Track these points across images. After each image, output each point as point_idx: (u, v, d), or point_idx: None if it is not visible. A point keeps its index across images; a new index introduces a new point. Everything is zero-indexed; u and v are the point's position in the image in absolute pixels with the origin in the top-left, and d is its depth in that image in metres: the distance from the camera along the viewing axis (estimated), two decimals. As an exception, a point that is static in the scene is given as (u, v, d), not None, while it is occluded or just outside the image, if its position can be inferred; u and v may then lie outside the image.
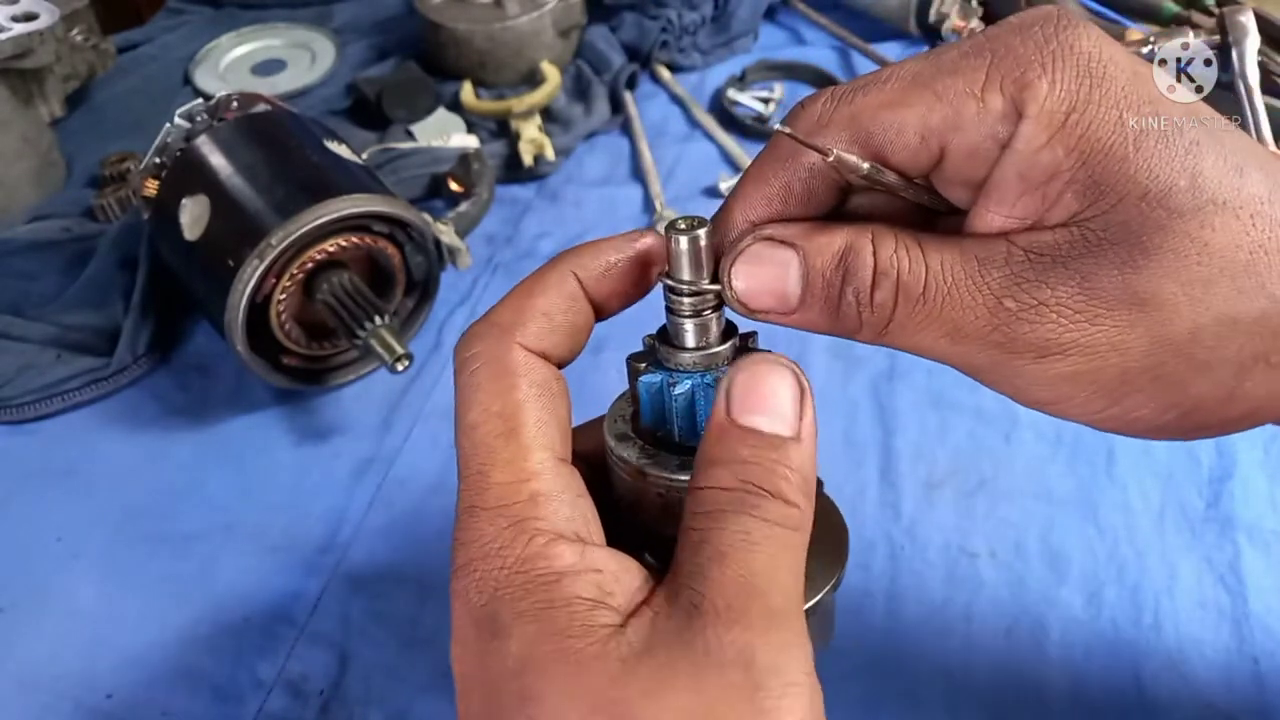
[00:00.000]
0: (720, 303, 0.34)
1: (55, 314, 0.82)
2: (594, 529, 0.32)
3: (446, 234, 0.81)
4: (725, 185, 0.96)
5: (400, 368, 0.70)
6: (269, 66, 1.16)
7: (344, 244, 0.72)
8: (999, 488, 0.70)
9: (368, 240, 0.73)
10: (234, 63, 1.17)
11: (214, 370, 0.81)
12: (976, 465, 0.72)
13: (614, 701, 0.26)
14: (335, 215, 0.69)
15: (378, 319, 0.72)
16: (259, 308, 0.70)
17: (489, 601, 0.29)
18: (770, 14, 1.21)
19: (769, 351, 0.33)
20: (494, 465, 0.31)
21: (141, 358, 0.80)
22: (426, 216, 0.78)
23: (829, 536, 0.37)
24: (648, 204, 0.95)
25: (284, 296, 0.71)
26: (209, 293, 0.71)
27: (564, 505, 0.31)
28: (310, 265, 0.71)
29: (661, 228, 0.34)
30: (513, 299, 0.34)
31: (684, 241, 0.32)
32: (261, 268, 0.68)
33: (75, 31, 1.04)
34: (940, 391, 0.77)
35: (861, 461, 0.72)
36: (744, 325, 0.37)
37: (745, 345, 0.36)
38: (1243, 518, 0.68)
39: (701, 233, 0.32)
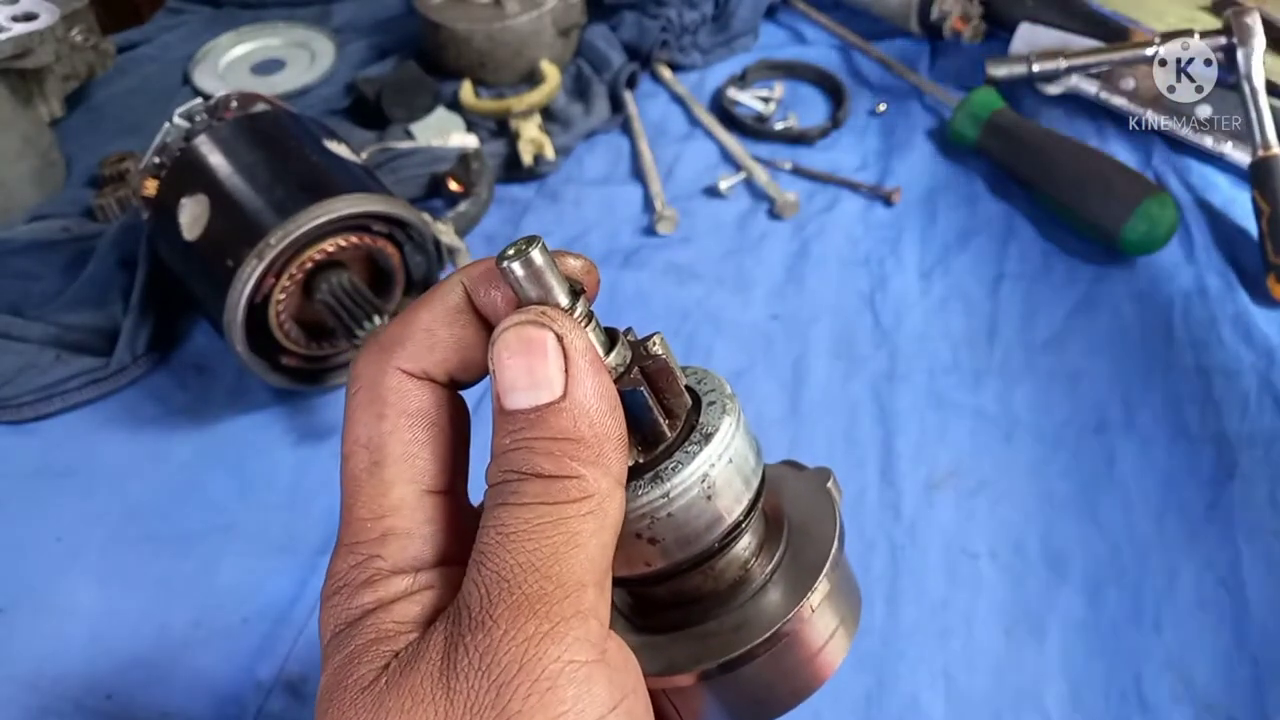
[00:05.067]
0: (590, 316, 0.30)
1: (55, 314, 0.82)
2: (452, 554, 0.30)
3: (446, 234, 0.81)
4: (725, 185, 0.96)
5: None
6: (268, 66, 1.16)
7: (343, 244, 0.72)
8: (999, 488, 0.70)
9: (367, 240, 0.73)
10: (233, 62, 1.17)
11: (213, 370, 0.81)
12: (976, 465, 0.72)
13: None
14: (334, 215, 0.69)
15: (377, 319, 0.72)
16: (258, 307, 0.70)
17: (330, 639, 0.29)
18: (771, 13, 1.21)
19: (527, 310, 0.29)
20: (357, 500, 0.30)
21: (141, 358, 0.80)
22: (426, 216, 0.78)
23: (808, 547, 0.35)
24: (648, 203, 0.95)
25: (283, 296, 0.71)
26: (208, 293, 0.71)
27: (415, 541, 0.30)
28: (309, 265, 0.71)
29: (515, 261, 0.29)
30: (400, 316, 0.32)
31: (518, 268, 0.29)
32: (261, 267, 0.68)
33: (75, 31, 1.04)
34: (941, 392, 0.76)
35: (861, 461, 0.72)
36: (622, 323, 0.33)
37: (640, 350, 0.32)
38: (1243, 518, 0.68)
39: (534, 253, 0.29)
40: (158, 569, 0.68)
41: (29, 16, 0.93)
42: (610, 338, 0.31)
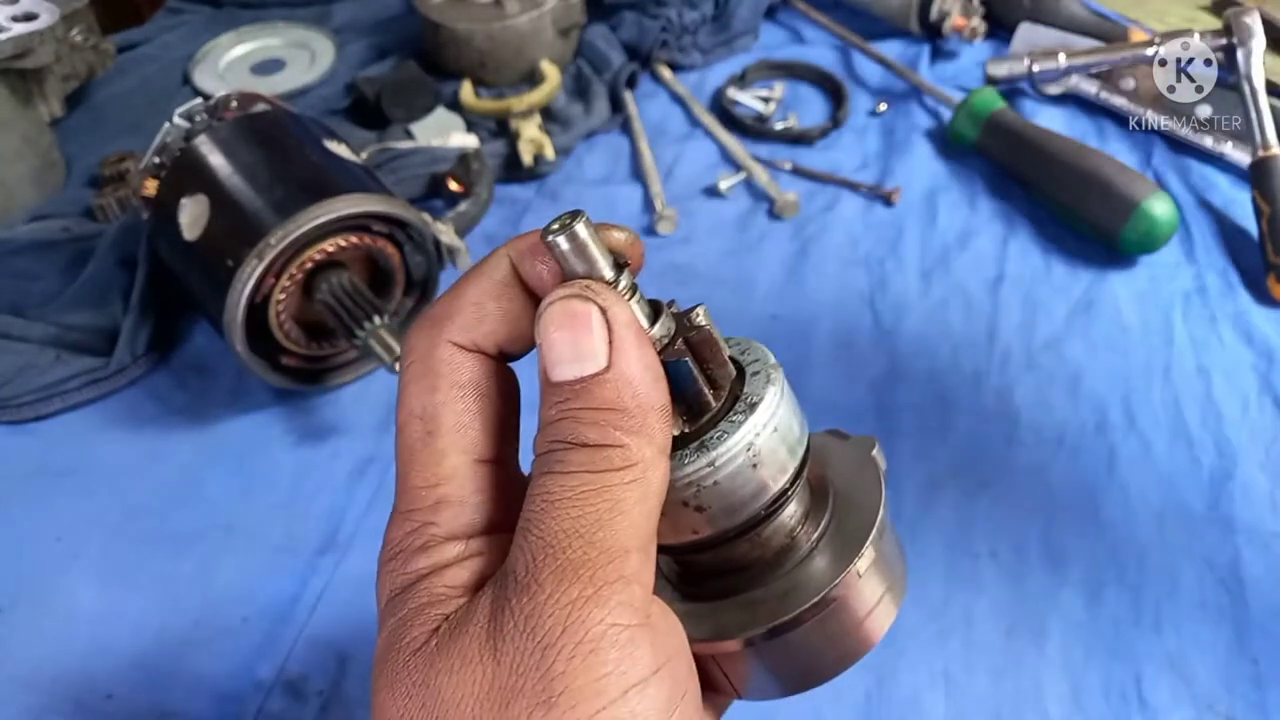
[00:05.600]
0: (634, 288, 0.31)
1: (55, 314, 0.82)
2: (502, 521, 0.31)
3: (446, 234, 0.81)
4: (725, 185, 0.96)
5: (399, 368, 0.70)
6: (268, 66, 1.16)
7: (343, 244, 0.72)
8: (999, 488, 0.70)
9: (367, 240, 0.73)
10: (233, 62, 1.17)
11: (213, 370, 0.81)
12: (976, 465, 0.72)
13: (423, 684, 0.27)
14: (334, 215, 0.69)
15: (377, 319, 0.72)
16: (258, 308, 0.70)
17: (385, 603, 0.30)
18: (771, 13, 1.21)
19: (572, 284, 0.30)
20: (412, 468, 0.31)
21: (141, 358, 0.80)
22: (426, 216, 0.78)
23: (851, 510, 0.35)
24: (648, 203, 0.95)
25: (283, 296, 0.71)
26: (208, 293, 0.71)
27: (467, 509, 0.31)
28: (309, 265, 0.71)
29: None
30: (450, 290, 0.32)
31: (563, 242, 0.29)
32: (261, 268, 0.68)
33: (75, 31, 1.04)
34: (941, 391, 0.76)
35: (861, 461, 0.72)
36: (664, 295, 0.33)
37: (683, 322, 0.32)
38: (1243, 519, 0.68)
39: (578, 226, 0.29)
40: (158, 569, 0.68)
41: (29, 16, 0.93)
42: (654, 310, 0.32)
